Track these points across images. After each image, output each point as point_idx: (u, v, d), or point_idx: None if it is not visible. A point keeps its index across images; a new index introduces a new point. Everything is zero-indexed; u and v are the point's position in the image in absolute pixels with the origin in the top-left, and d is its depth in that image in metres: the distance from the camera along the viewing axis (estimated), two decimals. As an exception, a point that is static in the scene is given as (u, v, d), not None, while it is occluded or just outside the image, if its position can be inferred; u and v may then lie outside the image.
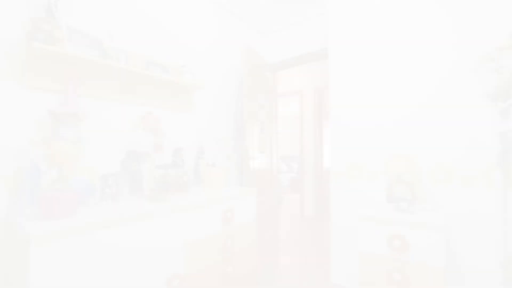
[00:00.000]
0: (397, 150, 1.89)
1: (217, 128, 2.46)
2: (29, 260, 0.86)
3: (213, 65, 2.46)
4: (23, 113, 1.33)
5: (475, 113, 1.62)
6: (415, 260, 1.36)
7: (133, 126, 1.53)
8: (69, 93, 1.39)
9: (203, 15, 2.38)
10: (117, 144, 1.67)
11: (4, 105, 1.26)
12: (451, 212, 1.69)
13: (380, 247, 1.46)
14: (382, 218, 1.46)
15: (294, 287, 2.21)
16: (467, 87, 1.64)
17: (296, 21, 2.90)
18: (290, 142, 9.76)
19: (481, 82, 1.57)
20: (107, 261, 1.04)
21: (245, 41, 2.85)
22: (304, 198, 4.47)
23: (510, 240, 1.50)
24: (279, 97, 4.82)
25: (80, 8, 1.53)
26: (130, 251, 1.12)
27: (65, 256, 0.93)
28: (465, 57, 1.65)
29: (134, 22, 1.81)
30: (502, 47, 1.34)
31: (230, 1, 2.62)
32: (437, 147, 1.74)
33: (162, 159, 1.83)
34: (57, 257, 0.91)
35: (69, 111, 1.37)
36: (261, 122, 2.69)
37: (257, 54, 2.66)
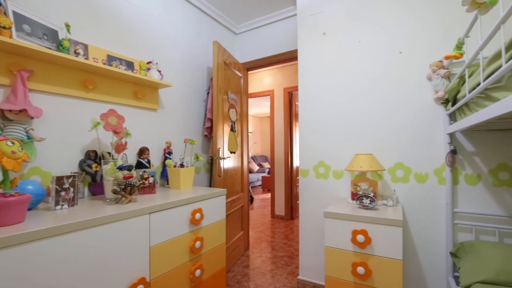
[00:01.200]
0: (361, 150, 1.99)
1: (186, 127, 2.40)
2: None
3: (182, 62, 2.39)
4: (-40, 109, 1.17)
5: (429, 116, 1.76)
6: (377, 253, 1.44)
7: (93, 125, 1.43)
8: (17, 88, 1.26)
9: (173, 11, 2.30)
10: (74, 143, 1.55)
11: None
12: (408, 207, 1.82)
13: (345, 242, 1.52)
14: (346, 215, 1.52)
15: (263, 285, 2.23)
16: (424, 92, 1.78)
17: (268, 22, 2.93)
18: (261, 142, 9.84)
19: (433, 88, 1.71)
20: (60, 271, 0.96)
21: (216, 39, 2.82)
22: (275, 197, 4.54)
23: (456, 230, 1.65)
24: (250, 97, 4.83)
25: (31, -6, 1.39)
26: (87, 258, 1.04)
27: (10, 268, 0.83)
28: (422, 64, 1.79)
29: (96, 13, 1.69)
30: (451, 56, 1.47)
31: (200, -2, 2.57)
32: (397, 147, 1.86)
33: (126, 159, 1.73)
34: (2, 270, 0.81)
35: (17, 107, 1.24)
36: (232, 122, 2.67)
37: (228, 53, 2.64)
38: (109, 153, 1.60)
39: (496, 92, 0.85)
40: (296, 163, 4.57)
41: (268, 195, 6.67)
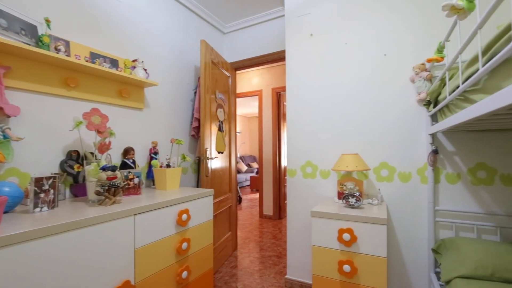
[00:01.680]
0: (347, 150, 2.02)
1: (172, 127, 2.36)
2: None
3: (169, 61, 2.35)
4: None
5: (412, 117, 1.81)
6: (363, 251, 1.46)
7: (75, 124, 1.38)
8: (-8, 84, 1.20)
9: (159, 9, 2.26)
10: (55, 143, 1.49)
11: None
12: (392, 205, 1.87)
13: (331, 241, 1.54)
14: (332, 214, 1.54)
15: (251, 286, 2.23)
16: (407, 94, 1.83)
17: (256, 22, 2.93)
18: (250, 142, 9.84)
19: (416, 90, 1.76)
20: (38, 278, 0.92)
21: (203, 38, 2.79)
22: (263, 197, 4.54)
23: (437, 227, 1.71)
24: (239, 97, 4.82)
25: (8, -13, 1.33)
26: (68, 262, 1.00)
27: (-17, 274, 0.79)
28: (405, 67, 1.84)
29: (79, 8, 1.64)
30: (432, 59, 1.52)
31: (187, -4, 2.54)
32: (382, 147, 1.91)
33: (110, 160, 1.69)
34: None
35: (-7, 105, 1.18)
36: (220, 121, 2.65)
37: (216, 52, 2.62)
38: (92, 153, 1.55)
39: (473, 94, 0.89)
40: (284, 163, 4.59)
41: (257, 195, 6.68)
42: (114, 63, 1.76)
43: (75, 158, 1.54)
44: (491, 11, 0.70)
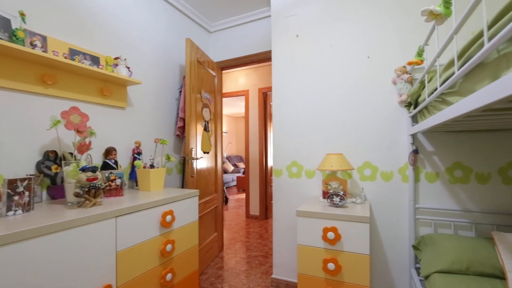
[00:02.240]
0: (332, 150, 2.06)
1: (157, 127, 2.31)
2: None
3: (154, 59, 2.30)
4: None
5: (394, 118, 1.87)
6: (346, 249, 1.49)
7: (53, 123, 1.32)
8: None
9: (143, 6, 2.20)
10: (31, 143, 1.42)
11: None
12: (375, 204, 1.91)
13: (316, 240, 1.56)
14: (317, 213, 1.56)
15: (237, 286, 2.22)
16: (389, 96, 1.88)
17: (243, 22, 2.92)
18: (236, 142, 9.82)
19: (397, 92, 1.82)
20: (12, 285, 0.87)
21: (189, 37, 2.75)
22: (250, 197, 4.54)
23: (417, 225, 1.77)
24: (225, 97, 4.79)
25: (-21, -23, 1.26)
26: (44, 268, 0.96)
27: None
28: (388, 69, 1.89)
29: (57, 2, 1.57)
30: (413, 62, 1.57)
31: (172, -7, 2.50)
32: (365, 147, 1.95)
33: (91, 160, 1.63)
34: None
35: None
36: (205, 121, 2.62)
37: (202, 51, 2.59)
38: (71, 153, 1.49)
39: (450, 96, 0.92)
40: (270, 163, 4.61)
41: (243, 196, 6.67)
42: (95, 60, 1.70)
43: (52, 158, 1.48)
44: (465, 18, 0.73)
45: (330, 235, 1.50)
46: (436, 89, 0.99)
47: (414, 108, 1.62)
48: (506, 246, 1.30)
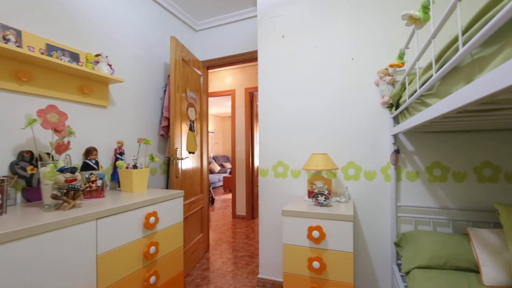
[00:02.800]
0: (317, 150, 2.08)
1: (140, 126, 2.26)
2: None
3: (137, 57, 2.24)
4: None
5: (377, 119, 1.91)
6: (331, 247, 1.51)
7: (28, 122, 1.26)
8: None
9: (126, 2, 2.14)
10: (3, 143, 1.35)
11: None
12: (358, 203, 1.96)
13: (302, 239, 1.57)
14: (302, 212, 1.58)
15: (223, 287, 2.20)
16: (372, 97, 1.93)
17: (229, 21, 2.90)
18: (223, 142, 9.76)
19: (380, 93, 1.86)
20: (-17, 291, 0.83)
21: (174, 35, 2.70)
22: (236, 197, 4.53)
23: (399, 222, 1.82)
24: (211, 96, 4.75)
25: None
26: (19, 274, 0.91)
27: None
28: (371, 71, 1.93)
29: (31, -4, 1.50)
30: (394, 64, 1.62)
31: (156, -10, 2.44)
32: (349, 147, 1.99)
33: (70, 161, 1.57)
34: None
35: None
36: (191, 121, 2.59)
37: (187, 49, 2.55)
38: (48, 154, 1.43)
39: (429, 98, 0.96)
40: (257, 163, 4.61)
41: (230, 196, 6.64)
42: (74, 57, 1.64)
43: (28, 159, 1.41)
44: (441, 24, 0.76)
45: (315, 234, 1.52)
46: (416, 91, 1.02)
47: (396, 109, 1.67)
48: (480, 241, 1.36)
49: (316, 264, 1.51)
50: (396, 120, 1.80)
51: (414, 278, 1.38)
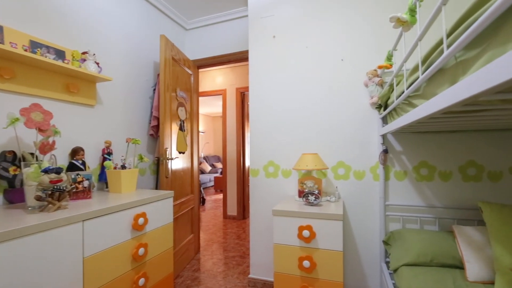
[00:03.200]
0: (307, 150, 2.10)
1: (129, 126, 2.22)
2: None
3: (126, 56, 2.20)
4: None
5: (366, 119, 1.94)
6: (321, 246, 1.53)
7: (10, 121, 1.22)
8: None
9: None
10: (-15, 143, 1.30)
11: None
12: (348, 202, 1.98)
13: (292, 238, 1.58)
14: (293, 212, 1.58)
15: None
16: (362, 98, 1.95)
17: (220, 21, 2.89)
18: (214, 142, 9.71)
19: (369, 94, 1.89)
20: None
21: (164, 33, 2.67)
22: (227, 198, 4.51)
23: (388, 221, 1.86)
24: (202, 96, 4.72)
25: None
26: (2, 279, 0.88)
27: None
28: (360, 72, 1.96)
29: (14, -9, 1.45)
30: (383, 66, 1.65)
31: (146, -12, 2.41)
32: (339, 147, 2.01)
33: (55, 161, 1.52)
34: None
35: None
36: (181, 120, 2.56)
37: (177, 48, 2.53)
38: (32, 154, 1.38)
39: (416, 99, 0.98)
40: (248, 163, 4.61)
41: (221, 196, 6.61)
42: (60, 54, 1.60)
43: (10, 159, 1.36)
44: (427, 27, 0.78)
45: (305, 233, 1.53)
46: (403, 92, 1.04)
47: (384, 109, 1.70)
48: (465, 239, 1.40)
49: (306, 263, 1.52)
50: (384, 120, 1.83)
51: (402, 275, 1.41)
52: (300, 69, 2.13)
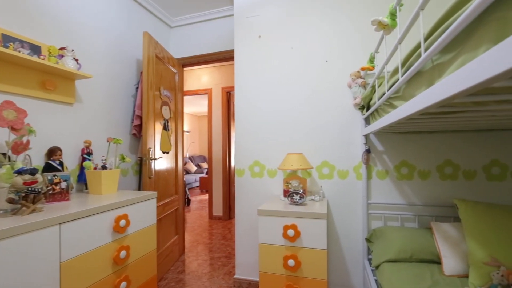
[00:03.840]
0: (293, 150, 2.11)
1: (110, 125, 2.15)
2: None
3: (107, 53, 2.13)
4: None
5: (349, 120, 1.98)
6: (305, 245, 1.54)
7: (-20, 119, 1.15)
8: None
9: (93, -8, 2.03)
10: (-49, 142, 1.22)
11: None
12: (332, 201, 2.01)
13: (277, 238, 1.59)
14: (278, 211, 1.59)
15: (199, 289, 2.17)
16: (345, 98, 1.99)
17: (206, 19, 2.86)
18: (200, 142, 9.61)
19: (352, 95, 1.93)
20: None
21: (147, 30, 2.60)
22: (213, 198, 4.47)
23: (370, 219, 1.90)
24: (187, 95, 4.65)
25: None
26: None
27: None
28: (344, 73, 2.00)
29: (-16, -19, 1.37)
30: (365, 67, 1.69)
31: (128, -17, 2.34)
32: (323, 147, 2.04)
33: (30, 161, 1.45)
34: None
35: None
36: (165, 120, 2.51)
37: (161, 46, 2.47)
38: (4, 154, 1.31)
39: (396, 101, 1.01)
40: (234, 163, 4.59)
41: (206, 196, 6.55)
42: (35, 49, 1.52)
43: (-20, 160, 1.28)
44: (406, 31, 0.80)
45: (290, 232, 1.54)
46: (384, 94, 1.07)
47: (367, 110, 1.74)
48: (442, 235, 1.46)
49: (291, 262, 1.53)
50: (367, 121, 1.87)
51: (383, 272, 1.45)
52: (285, 70, 2.15)
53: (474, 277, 1.20)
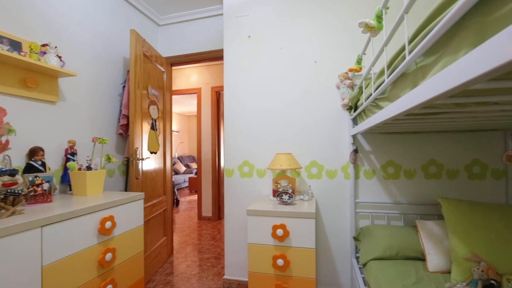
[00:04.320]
0: (282, 150, 2.12)
1: (96, 125, 2.09)
2: None
3: (93, 50, 2.07)
4: None
5: (338, 120, 2.01)
6: (294, 244, 1.55)
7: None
8: None
9: (78, -12, 1.97)
10: None
11: None
12: (321, 200, 2.04)
13: (266, 238, 1.59)
14: (267, 211, 1.59)
15: (188, 291, 2.14)
16: (334, 99, 2.02)
17: (195, 18, 2.83)
18: (189, 142, 9.51)
19: (341, 96, 1.96)
20: None
21: (135, 28, 2.55)
22: (202, 198, 4.44)
23: (358, 217, 1.94)
24: (176, 94, 4.59)
25: None
26: None
27: None
28: (333, 74, 2.02)
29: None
30: (353, 69, 1.72)
31: (115, -21, 2.29)
32: (312, 147, 2.05)
33: (9, 162, 1.40)
34: None
35: None
36: (153, 119, 2.47)
37: (149, 44, 2.43)
38: (-19, 154, 1.26)
39: (382, 102, 1.03)
40: (223, 163, 4.57)
41: (195, 197, 6.49)
42: (15, 45, 1.46)
43: (-45, 161, 1.22)
44: (392, 33, 0.82)
45: (279, 232, 1.54)
46: (371, 95, 1.09)
47: (354, 111, 1.77)
48: (426, 232, 1.50)
49: (280, 261, 1.54)
50: (355, 121, 1.90)
51: (370, 269, 1.47)
52: (275, 70, 2.15)
53: (456, 272, 1.24)
